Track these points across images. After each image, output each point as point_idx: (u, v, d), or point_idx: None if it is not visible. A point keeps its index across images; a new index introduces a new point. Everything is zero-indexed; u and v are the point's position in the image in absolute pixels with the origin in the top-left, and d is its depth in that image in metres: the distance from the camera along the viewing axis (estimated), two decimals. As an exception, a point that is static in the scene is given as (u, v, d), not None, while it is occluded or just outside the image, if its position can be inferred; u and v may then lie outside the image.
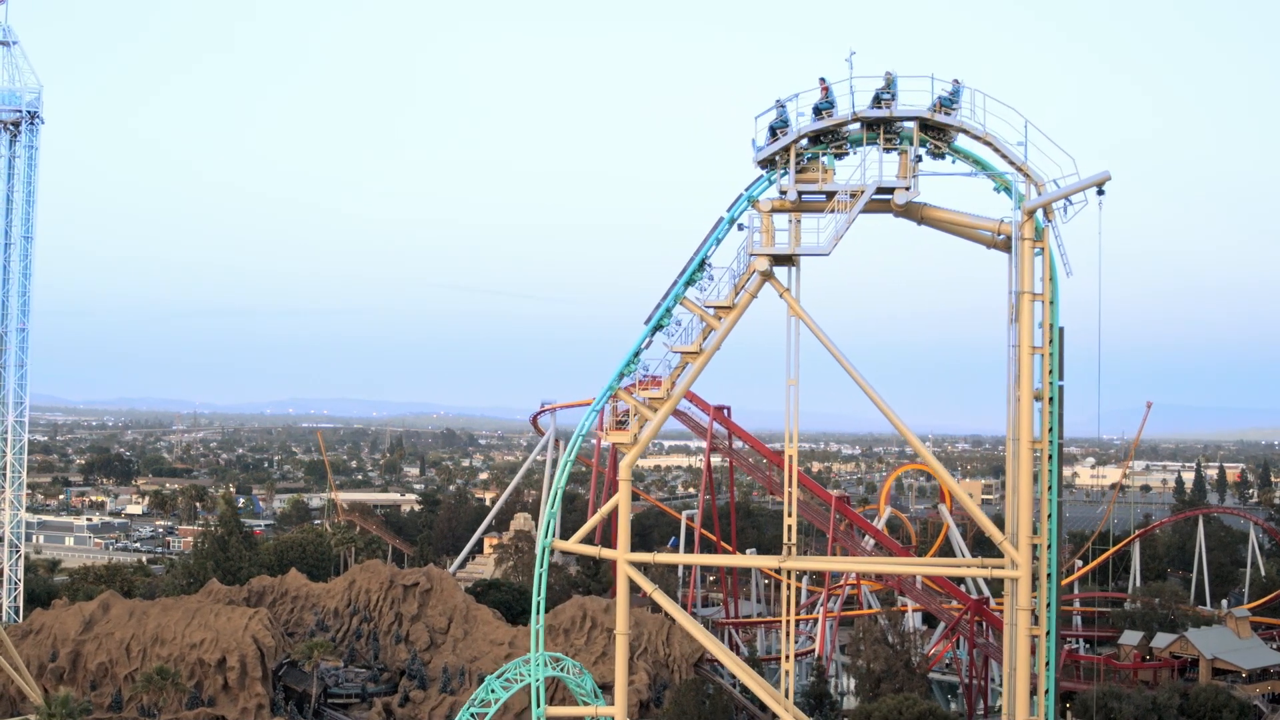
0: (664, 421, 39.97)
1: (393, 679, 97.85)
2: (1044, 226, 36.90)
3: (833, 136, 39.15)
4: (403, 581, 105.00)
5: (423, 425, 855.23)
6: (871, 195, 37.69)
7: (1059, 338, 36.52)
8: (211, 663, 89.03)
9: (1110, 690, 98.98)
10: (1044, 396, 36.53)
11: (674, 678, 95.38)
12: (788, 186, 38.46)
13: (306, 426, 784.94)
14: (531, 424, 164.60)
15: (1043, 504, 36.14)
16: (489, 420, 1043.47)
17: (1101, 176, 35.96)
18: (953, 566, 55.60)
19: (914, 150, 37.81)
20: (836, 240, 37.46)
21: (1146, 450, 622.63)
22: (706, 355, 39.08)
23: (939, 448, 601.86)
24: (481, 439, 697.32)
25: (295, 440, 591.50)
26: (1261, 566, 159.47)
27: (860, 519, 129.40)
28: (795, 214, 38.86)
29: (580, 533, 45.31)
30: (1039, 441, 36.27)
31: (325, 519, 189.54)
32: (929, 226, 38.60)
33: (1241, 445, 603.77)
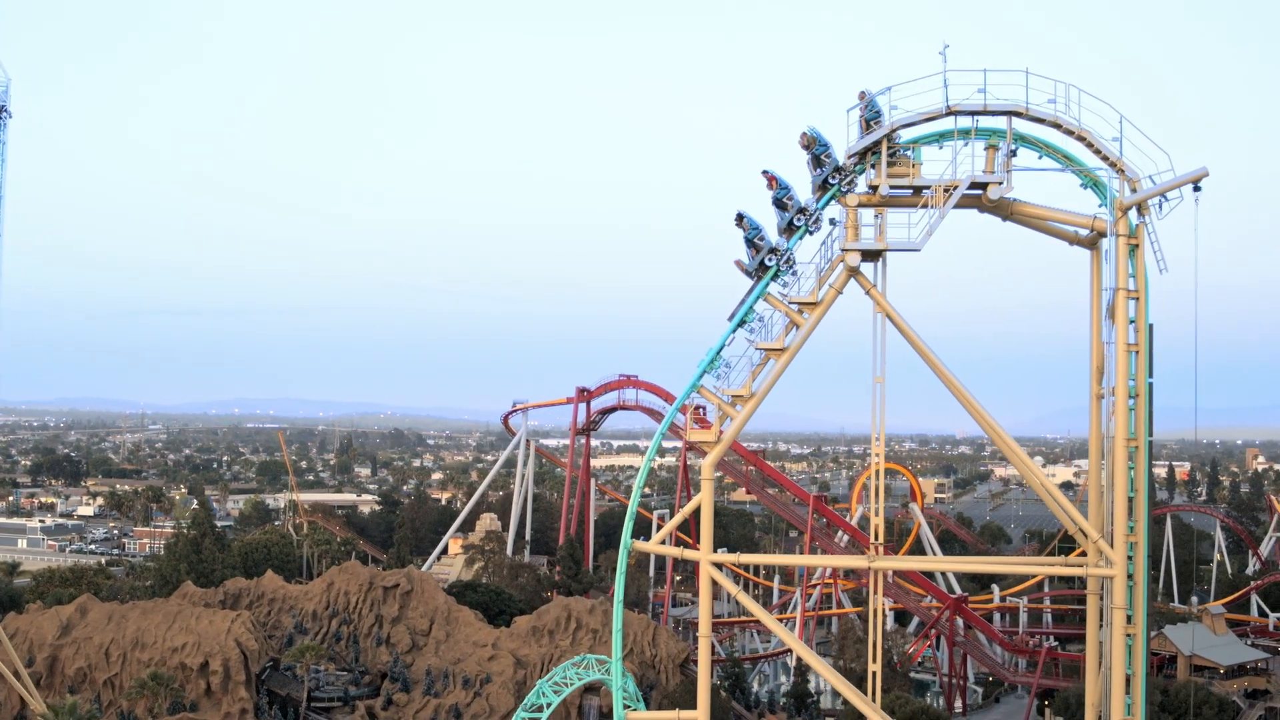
0: (748, 419, 39.17)
1: (374, 682, 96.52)
2: (1139, 223, 36.63)
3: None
4: (382, 583, 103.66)
5: (370, 425, 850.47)
6: (965, 190, 37.28)
7: (1150, 335, 36.24)
8: (194, 667, 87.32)
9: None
10: (1139, 394, 36.15)
11: (660, 678, 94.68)
12: (879, 181, 37.98)
13: (252, 427, 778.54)
14: (503, 424, 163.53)
15: (1138, 504, 35.78)
16: (436, 420, 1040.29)
17: (1199, 173, 35.72)
18: (1048, 566, 55.20)
19: (1006, 145, 37.42)
20: (929, 235, 37.01)
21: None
22: (791, 352, 38.41)
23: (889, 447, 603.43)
24: (430, 439, 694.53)
25: (242, 440, 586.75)
26: (1228, 564, 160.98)
27: (838, 517, 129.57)
28: (880, 209, 38.36)
29: (660, 534, 44.44)
30: (1134, 439, 35.90)
31: (287, 520, 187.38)
32: (1015, 222, 38.26)
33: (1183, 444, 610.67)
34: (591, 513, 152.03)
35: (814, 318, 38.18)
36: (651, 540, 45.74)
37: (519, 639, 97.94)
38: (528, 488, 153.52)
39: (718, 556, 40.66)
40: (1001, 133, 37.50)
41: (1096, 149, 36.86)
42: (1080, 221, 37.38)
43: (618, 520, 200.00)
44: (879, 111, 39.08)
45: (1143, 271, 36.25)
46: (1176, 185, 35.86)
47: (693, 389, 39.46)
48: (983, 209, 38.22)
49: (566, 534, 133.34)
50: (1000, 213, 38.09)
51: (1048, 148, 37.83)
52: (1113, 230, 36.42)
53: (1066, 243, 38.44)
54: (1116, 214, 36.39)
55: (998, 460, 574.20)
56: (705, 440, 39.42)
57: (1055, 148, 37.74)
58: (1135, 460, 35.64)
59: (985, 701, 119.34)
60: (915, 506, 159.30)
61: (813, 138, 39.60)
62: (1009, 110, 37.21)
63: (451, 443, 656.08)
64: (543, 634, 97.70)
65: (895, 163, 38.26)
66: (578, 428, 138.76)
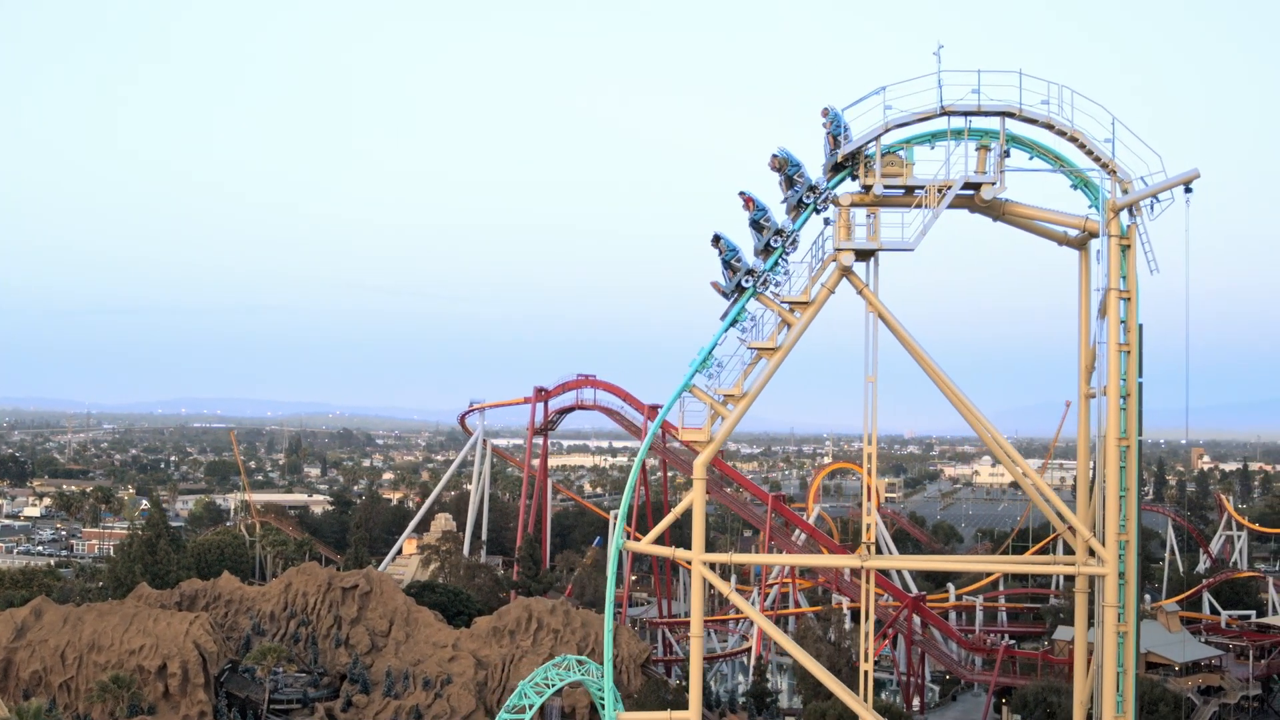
0: (740, 418, 39.08)
1: (333, 683, 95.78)
2: (1130, 224, 36.84)
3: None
4: (341, 584, 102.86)
5: (318, 425, 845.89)
6: (958, 190, 37.40)
7: (1139, 335, 36.46)
8: (152, 669, 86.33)
9: (1049, 685, 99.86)
10: (1130, 393, 36.40)
11: (622, 679, 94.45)
12: (873, 180, 38.04)
13: (199, 426, 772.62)
14: (459, 423, 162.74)
15: (1129, 502, 35.99)
16: (384, 420, 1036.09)
17: (1190, 174, 35.98)
18: (1042, 564, 55.56)
19: (999, 146, 37.58)
20: (923, 235, 37.10)
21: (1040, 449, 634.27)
22: (783, 351, 38.41)
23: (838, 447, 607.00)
24: (379, 439, 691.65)
25: (189, 440, 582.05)
26: (1179, 562, 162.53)
27: (796, 517, 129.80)
28: (873, 209, 38.44)
29: (652, 534, 44.24)
30: (1125, 439, 36.12)
31: (239, 521, 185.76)
32: (1006, 223, 38.46)
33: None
34: (549, 513, 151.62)
35: (806, 317, 38.24)
36: (643, 541, 45.42)
37: (479, 640, 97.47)
38: (484, 488, 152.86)
39: (710, 556, 40.55)
40: (994, 133, 37.69)
41: (1089, 150, 37.07)
42: (1072, 222, 37.60)
43: (572, 520, 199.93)
44: (844, 126, 39.24)
45: (1134, 272, 36.49)
46: (1168, 187, 36.12)
47: (685, 388, 39.34)
48: (974, 209, 38.41)
49: (525, 534, 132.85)
50: (992, 213, 38.27)
51: (1039, 148, 38.06)
52: (1105, 231, 36.64)
53: (1055, 243, 38.69)
54: (1108, 215, 36.61)
55: (946, 460, 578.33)
56: (697, 440, 39.28)
57: (1047, 148, 37.95)
58: (1126, 459, 35.86)
59: (942, 700, 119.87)
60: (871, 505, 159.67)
61: (784, 159, 39.73)
62: (1002, 111, 37.40)
63: (401, 442, 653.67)
64: (503, 634, 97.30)
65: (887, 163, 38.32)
66: (535, 427, 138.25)
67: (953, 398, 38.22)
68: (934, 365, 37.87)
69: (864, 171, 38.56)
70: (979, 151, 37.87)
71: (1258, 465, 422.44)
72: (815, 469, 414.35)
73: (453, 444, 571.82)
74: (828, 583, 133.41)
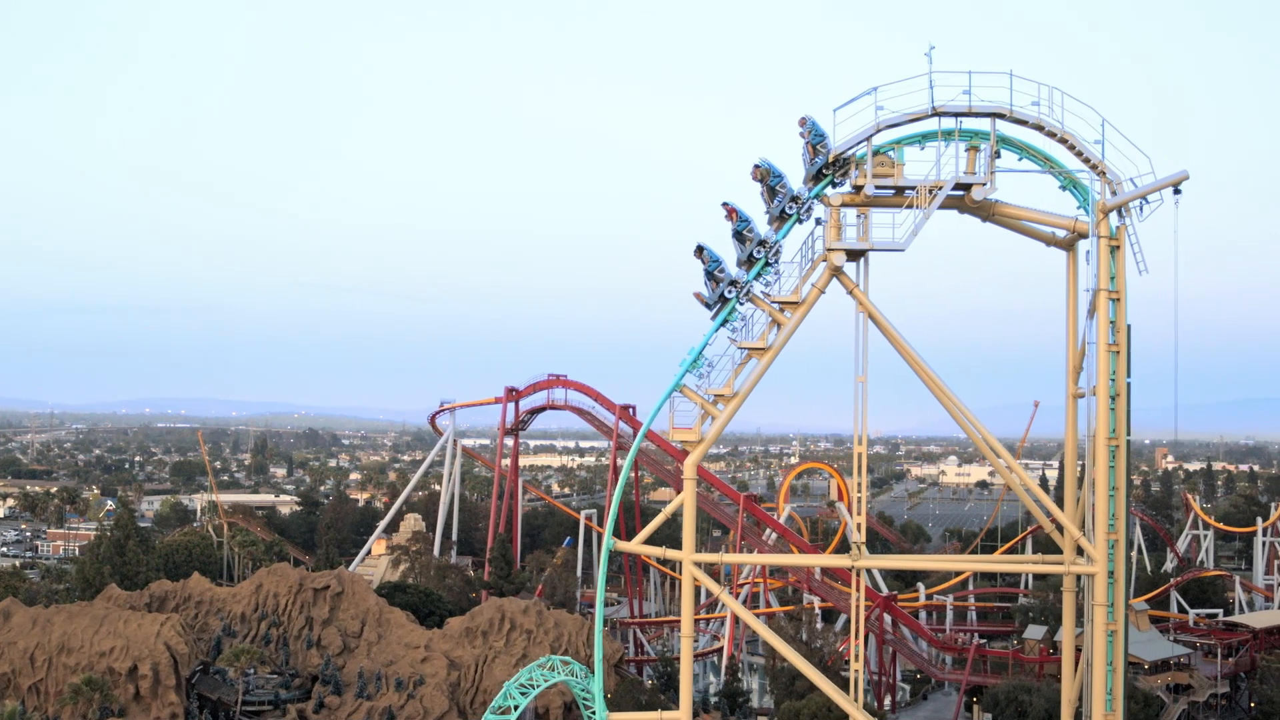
0: (731, 418, 38.94)
1: (305, 684, 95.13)
2: (1119, 225, 36.95)
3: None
4: (312, 585, 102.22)
5: (283, 425, 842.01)
6: (949, 191, 37.43)
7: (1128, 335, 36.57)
8: (122, 671, 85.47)
9: (1019, 684, 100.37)
10: (1119, 394, 36.52)
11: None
12: (864, 181, 38.02)
13: (163, 426, 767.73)
14: (430, 424, 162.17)
15: (1118, 501, 36.10)
16: (350, 420, 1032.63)
17: (1179, 176, 36.12)
18: (1034, 564, 55.79)
19: (990, 147, 37.63)
20: (914, 235, 37.10)
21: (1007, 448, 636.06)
22: (773, 351, 38.36)
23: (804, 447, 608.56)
24: (345, 439, 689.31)
25: (154, 440, 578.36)
26: (1146, 561, 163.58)
27: (767, 516, 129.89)
28: (863, 209, 38.41)
29: (643, 534, 44.07)
30: (1114, 438, 36.23)
31: (207, 521, 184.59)
32: (995, 224, 38.53)
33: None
34: (519, 513, 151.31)
35: (796, 317, 38.24)
36: (633, 541, 45.27)
37: (452, 640, 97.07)
38: (455, 488, 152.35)
39: (701, 557, 40.44)
40: (984, 134, 37.75)
41: (1078, 151, 37.19)
42: (1062, 223, 37.72)
43: (542, 521, 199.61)
44: (823, 135, 39.21)
45: (1123, 273, 36.62)
46: (1157, 188, 36.25)
47: (675, 388, 39.19)
48: (964, 210, 38.47)
49: (496, 534, 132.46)
50: (982, 214, 38.37)
51: (1029, 150, 38.14)
52: (1094, 232, 36.76)
53: (1044, 244, 38.77)
54: (1098, 216, 36.73)
55: (912, 460, 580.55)
56: (688, 440, 39.14)
57: (1036, 150, 38.06)
58: (1116, 459, 35.99)
59: (913, 699, 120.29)
60: (842, 505, 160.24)
61: (766, 170, 39.66)
62: (993, 112, 37.48)
63: (367, 443, 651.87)
64: (476, 635, 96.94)
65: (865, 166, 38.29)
66: (506, 427, 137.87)
67: (941, 397, 38.25)
68: (923, 364, 37.91)
69: (854, 172, 38.53)
70: (969, 152, 37.96)
71: (1221, 465, 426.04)
72: (782, 469, 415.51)
73: (419, 444, 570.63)
74: (798, 582, 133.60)
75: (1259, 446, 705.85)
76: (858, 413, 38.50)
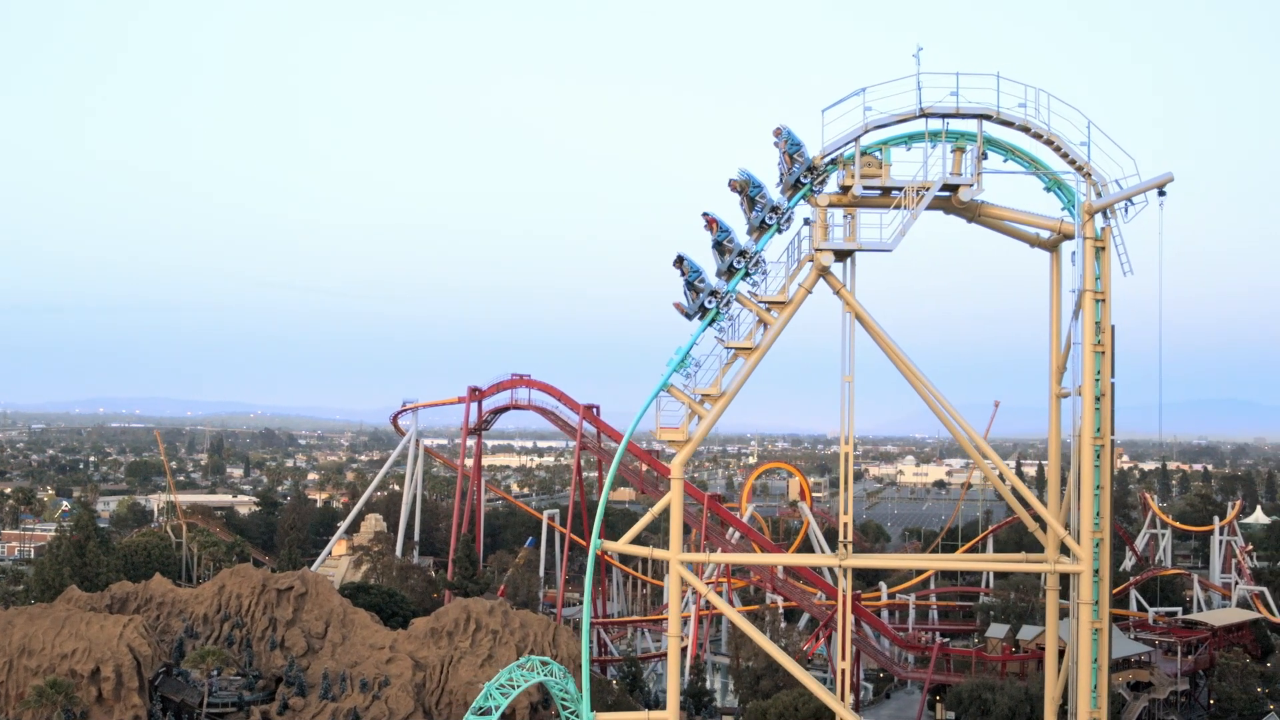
0: (718, 418, 38.92)
1: (269, 686, 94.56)
2: (1105, 226, 37.19)
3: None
4: (276, 585, 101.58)
5: (239, 425, 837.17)
6: (936, 192, 37.57)
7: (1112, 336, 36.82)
8: (84, 674, 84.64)
9: (983, 683, 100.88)
10: (1104, 394, 36.76)
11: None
12: (851, 181, 38.09)
13: (117, 426, 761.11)
14: (392, 423, 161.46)
15: (1103, 500, 36.33)
16: (306, 420, 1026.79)
17: (1164, 178, 36.40)
18: (1015, 562, 56.06)
19: (976, 148, 37.78)
20: (901, 235, 37.19)
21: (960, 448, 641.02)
22: (760, 351, 38.36)
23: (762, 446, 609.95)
24: (302, 439, 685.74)
25: (108, 440, 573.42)
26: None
27: (732, 517, 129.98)
28: (850, 209, 38.49)
29: (630, 534, 43.93)
30: (1099, 438, 36.45)
31: (165, 522, 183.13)
32: (980, 224, 38.70)
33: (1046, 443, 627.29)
34: (482, 513, 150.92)
35: (783, 316, 38.27)
36: (620, 540, 45.14)
37: (417, 641, 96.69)
38: (417, 488, 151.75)
39: (688, 556, 40.45)
40: (971, 135, 37.93)
41: (1064, 153, 37.42)
42: (1047, 224, 37.94)
43: (502, 521, 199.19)
44: (799, 144, 39.25)
45: (1108, 274, 36.89)
46: (1142, 190, 36.53)
47: (663, 387, 39.11)
48: (950, 210, 38.63)
49: (461, 534, 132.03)
50: (967, 215, 38.53)
51: (1015, 151, 38.35)
52: (1080, 233, 37.00)
53: (1028, 245, 38.99)
54: (1084, 217, 36.97)
55: (870, 460, 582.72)
56: (675, 439, 39.08)
57: (1022, 151, 38.30)
58: (1100, 458, 36.23)
59: (876, 698, 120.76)
60: (804, 505, 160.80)
61: (745, 181, 39.61)
62: (980, 114, 37.67)
63: (324, 443, 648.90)
64: (441, 635, 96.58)
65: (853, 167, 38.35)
66: (469, 427, 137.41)
67: (927, 397, 38.39)
68: (910, 364, 38.06)
69: (839, 173, 38.60)
70: (954, 154, 38.14)
71: (1175, 465, 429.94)
72: (740, 468, 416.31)
73: (376, 444, 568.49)
74: (761, 581, 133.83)
75: (1211, 446, 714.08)
76: (844, 412, 38.57)
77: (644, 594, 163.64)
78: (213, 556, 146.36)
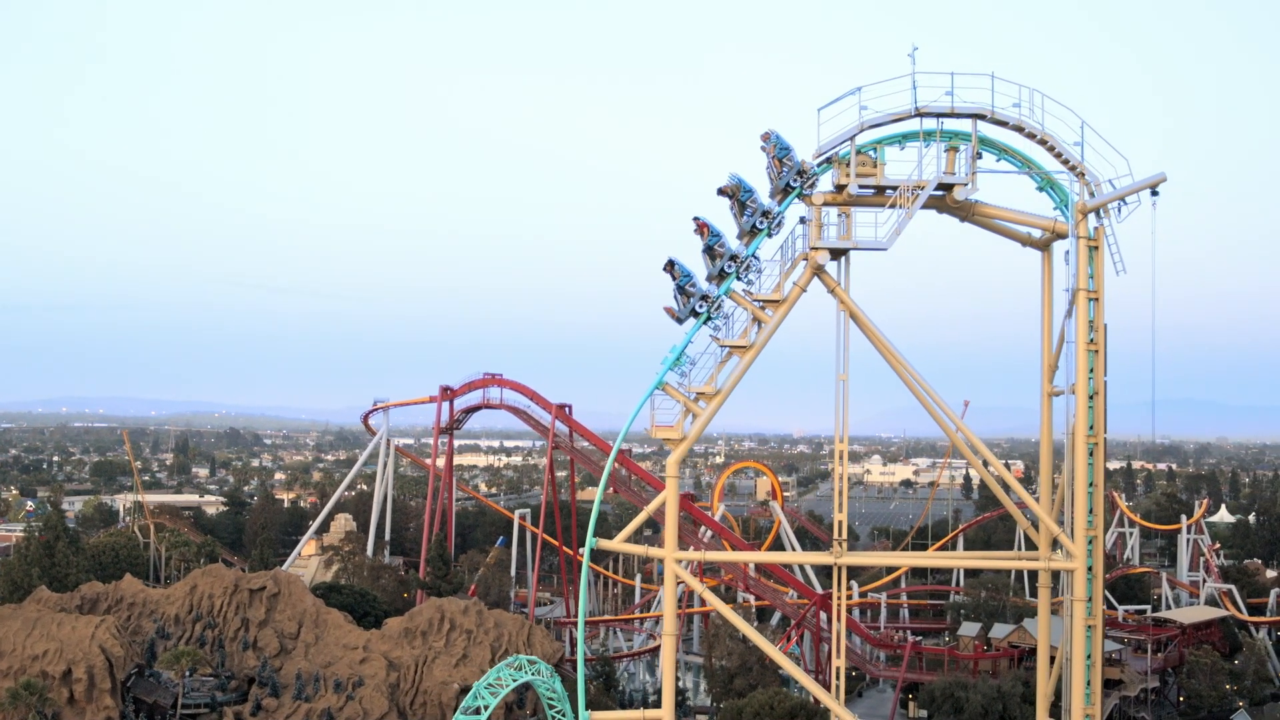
0: (713, 416, 38.85)
1: (241, 687, 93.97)
2: (1098, 226, 37.37)
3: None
4: (248, 585, 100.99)
5: (204, 424, 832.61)
6: (931, 191, 37.66)
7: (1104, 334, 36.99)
8: (56, 675, 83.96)
9: (956, 681, 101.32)
10: (1097, 391, 36.93)
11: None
12: (847, 180, 38.14)
13: (81, 426, 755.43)
14: (363, 423, 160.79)
15: (1096, 498, 36.51)
16: (271, 419, 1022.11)
17: (1157, 178, 36.62)
18: (1009, 560, 56.09)
19: (971, 148, 37.90)
20: (897, 234, 37.25)
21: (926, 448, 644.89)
22: (755, 349, 38.35)
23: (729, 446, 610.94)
24: (267, 438, 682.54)
25: (71, 440, 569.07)
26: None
27: (704, 515, 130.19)
28: (845, 208, 38.53)
29: (624, 533, 43.81)
30: (1093, 435, 36.62)
31: (132, 522, 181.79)
32: (973, 224, 38.82)
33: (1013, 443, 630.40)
34: (453, 513, 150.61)
35: (778, 315, 38.29)
36: (616, 539, 45.02)
37: (391, 641, 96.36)
38: (388, 487, 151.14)
39: (683, 555, 40.41)
40: (965, 135, 38.09)
41: (1058, 153, 37.59)
42: (1041, 224, 38.12)
43: (472, 520, 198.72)
44: (788, 148, 39.26)
45: (1101, 273, 37.07)
46: (1135, 190, 36.74)
47: (658, 386, 39.02)
48: (943, 210, 38.76)
49: (434, 534, 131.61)
50: (961, 213, 38.64)
51: (1008, 151, 38.52)
52: (1074, 233, 37.16)
53: (1021, 244, 39.13)
54: (1077, 217, 37.15)
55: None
56: (670, 438, 39.03)
57: (1015, 151, 38.48)
58: (1094, 456, 36.41)
59: (848, 696, 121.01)
60: (775, 504, 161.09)
61: (736, 185, 39.57)
62: (974, 113, 37.81)
63: (289, 442, 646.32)
64: (415, 635, 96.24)
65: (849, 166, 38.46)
66: (441, 426, 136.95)
67: (921, 396, 38.50)
68: (905, 364, 38.15)
69: (834, 172, 38.69)
70: (948, 153, 38.27)
71: (1139, 464, 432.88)
72: (708, 468, 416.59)
73: (342, 444, 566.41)
74: (733, 581, 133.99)
75: (1174, 445, 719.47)
76: (839, 410, 38.69)
77: (615, 594, 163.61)
78: (183, 557, 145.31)
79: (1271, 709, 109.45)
